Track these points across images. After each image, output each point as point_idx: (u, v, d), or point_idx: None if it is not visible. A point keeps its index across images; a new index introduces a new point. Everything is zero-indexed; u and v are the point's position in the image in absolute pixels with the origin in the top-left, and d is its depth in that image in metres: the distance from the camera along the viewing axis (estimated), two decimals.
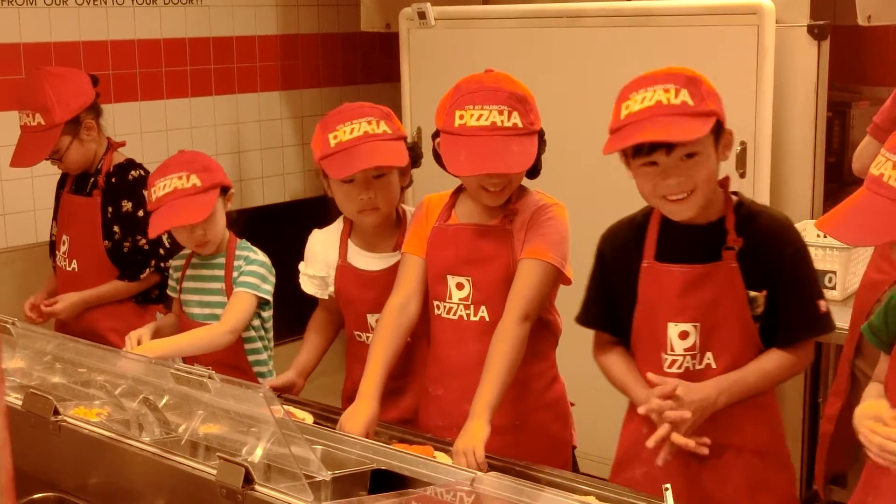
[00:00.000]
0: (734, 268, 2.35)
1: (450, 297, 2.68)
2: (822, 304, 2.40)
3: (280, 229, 3.07)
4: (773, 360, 2.40)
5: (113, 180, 3.71)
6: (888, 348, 2.22)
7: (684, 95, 2.28)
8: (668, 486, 1.96)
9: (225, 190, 3.17)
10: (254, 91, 5.39)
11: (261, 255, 3.20)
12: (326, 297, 3.02)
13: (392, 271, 2.84)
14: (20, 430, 2.60)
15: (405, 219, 2.92)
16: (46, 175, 3.98)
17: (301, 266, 3.04)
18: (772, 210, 2.49)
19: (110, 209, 3.70)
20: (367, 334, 2.92)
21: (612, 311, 2.53)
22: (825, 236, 3.50)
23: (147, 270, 3.72)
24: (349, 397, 2.80)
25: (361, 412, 2.54)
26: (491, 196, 2.62)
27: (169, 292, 3.38)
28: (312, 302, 3.11)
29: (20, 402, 2.59)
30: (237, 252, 3.18)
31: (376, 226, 2.89)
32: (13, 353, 2.89)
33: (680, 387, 2.35)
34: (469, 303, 2.65)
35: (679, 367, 2.41)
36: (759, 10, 3.67)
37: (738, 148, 3.66)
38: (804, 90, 3.56)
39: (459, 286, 2.66)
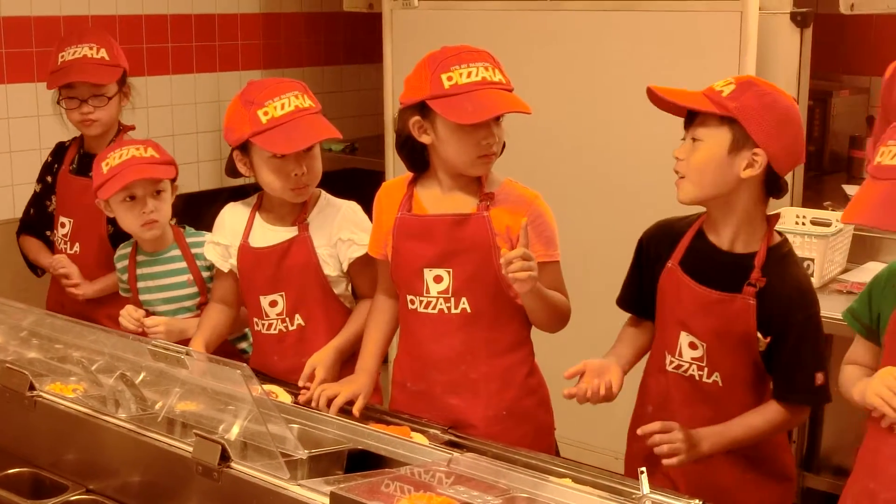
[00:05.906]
0: (751, 305, 2.36)
1: (427, 292, 2.62)
2: (819, 377, 2.39)
3: None
4: (761, 415, 2.41)
5: None
6: (866, 332, 2.26)
7: (730, 88, 2.32)
8: (644, 469, 1.97)
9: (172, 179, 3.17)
10: (236, 69, 5.36)
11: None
12: (226, 270, 2.92)
13: (284, 247, 2.80)
14: None
15: (311, 197, 2.86)
16: (25, 150, 3.95)
17: (208, 235, 3.01)
18: (801, 271, 2.48)
19: None
20: (264, 321, 2.87)
21: (646, 298, 2.57)
22: (804, 223, 3.52)
23: None
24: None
25: (356, 382, 2.66)
26: (486, 162, 2.56)
27: (122, 293, 3.32)
28: None
29: None
30: (189, 240, 3.18)
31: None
32: None
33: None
34: (449, 295, 2.60)
35: (685, 372, 2.46)
36: None
37: None
38: (786, 78, 3.56)
39: (438, 279, 2.61)
